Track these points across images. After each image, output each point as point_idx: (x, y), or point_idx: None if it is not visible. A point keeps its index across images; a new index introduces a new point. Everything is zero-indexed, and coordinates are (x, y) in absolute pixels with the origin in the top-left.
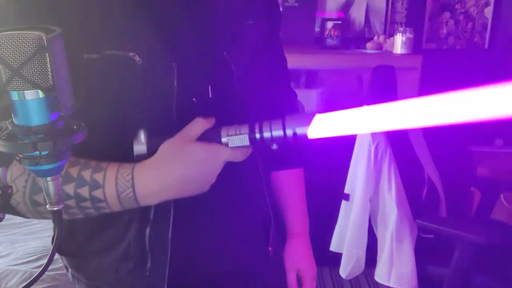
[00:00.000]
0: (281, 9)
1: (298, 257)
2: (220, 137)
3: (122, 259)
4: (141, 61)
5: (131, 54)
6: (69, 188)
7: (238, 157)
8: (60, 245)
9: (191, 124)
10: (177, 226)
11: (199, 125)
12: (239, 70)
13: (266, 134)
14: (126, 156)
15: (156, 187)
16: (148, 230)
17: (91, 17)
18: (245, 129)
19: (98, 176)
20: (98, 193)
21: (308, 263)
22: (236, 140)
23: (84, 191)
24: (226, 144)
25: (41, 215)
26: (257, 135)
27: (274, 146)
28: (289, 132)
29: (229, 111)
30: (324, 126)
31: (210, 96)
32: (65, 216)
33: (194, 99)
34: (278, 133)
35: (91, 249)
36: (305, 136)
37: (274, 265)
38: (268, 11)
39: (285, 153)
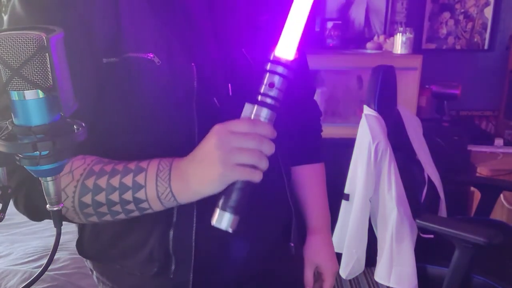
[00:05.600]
0: None
1: (317, 252)
2: None
3: (146, 263)
4: (160, 62)
5: (150, 56)
6: (115, 180)
7: (256, 124)
8: (84, 249)
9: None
10: (200, 228)
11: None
12: (259, 66)
13: (273, 92)
14: (147, 158)
15: (185, 175)
16: (171, 232)
17: (107, 21)
18: (254, 107)
19: (143, 163)
20: (140, 178)
21: (328, 259)
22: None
23: (128, 179)
24: None
25: (88, 218)
26: (269, 100)
27: (279, 93)
28: (281, 69)
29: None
30: (288, 41)
31: (231, 94)
32: (107, 218)
33: (214, 98)
34: (277, 80)
35: (114, 253)
36: (290, 62)
37: (295, 260)
38: (284, 5)
39: (306, 147)
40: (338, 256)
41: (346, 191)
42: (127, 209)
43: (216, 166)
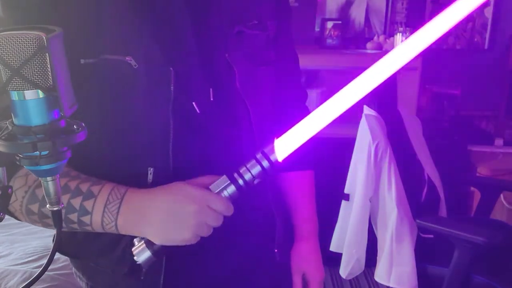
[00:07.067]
0: None
1: (304, 260)
2: None
3: (118, 263)
4: (137, 65)
5: (127, 58)
6: (64, 198)
7: (230, 209)
8: (62, 245)
9: (201, 177)
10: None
11: (207, 179)
12: (242, 72)
13: (247, 176)
14: (122, 161)
15: (137, 217)
16: None
17: (88, 22)
18: (227, 182)
19: (95, 188)
20: (88, 204)
21: (314, 267)
22: (226, 194)
23: (77, 201)
24: None
25: (34, 223)
26: (240, 182)
27: (256, 181)
28: (265, 164)
29: (230, 114)
30: (287, 144)
31: (212, 99)
32: (52, 228)
33: (194, 102)
34: (256, 170)
35: (89, 251)
36: (277, 161)
37: (280, 267)
38: (277, 10)
39: (295, 154)
40: (338, 256)
41: (346, 191)
42: (71, 226)
43: (187, 232)
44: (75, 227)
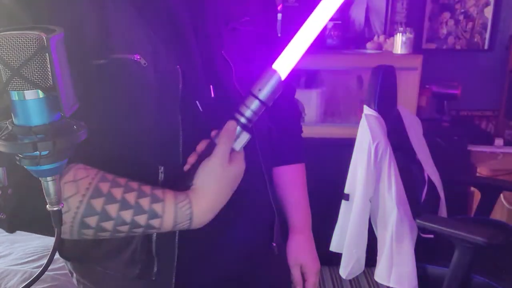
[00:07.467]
0: (280, 9)
1: (300, 252)
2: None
3: (128, 265)
4: (146, 64)
5: (136, 56)
6: (126, 214)
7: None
8: (65, 250)
9: (222, 144)
10: (183, 230)
11: (228, 142)
12: (238, 68)
13: (248, 113)
14: (133, 160)
15: (210, 215)
16: (155, 234)
17: (93, 22)
18: (248, 137)
19: (157, 207)
20: (155, 222)
21: (311, 259)
22: (238, 142)
23: (142, 219)
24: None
25: (80, 236)
26: (243, 120)
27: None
28: (262, 96)
29: (230, 110)
30: (285, 64)
31: (213, 96)
32: (106, 235)
33: (197, 101)
34: (255, 105)
35: (97, 254)
36: (274, 93)
37: (278, 260)
38: (264, 6)
39: (287, 148)
40: (338, 256)
41: (346, 191)
42: (134, 235)
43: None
44: (138, 231)
